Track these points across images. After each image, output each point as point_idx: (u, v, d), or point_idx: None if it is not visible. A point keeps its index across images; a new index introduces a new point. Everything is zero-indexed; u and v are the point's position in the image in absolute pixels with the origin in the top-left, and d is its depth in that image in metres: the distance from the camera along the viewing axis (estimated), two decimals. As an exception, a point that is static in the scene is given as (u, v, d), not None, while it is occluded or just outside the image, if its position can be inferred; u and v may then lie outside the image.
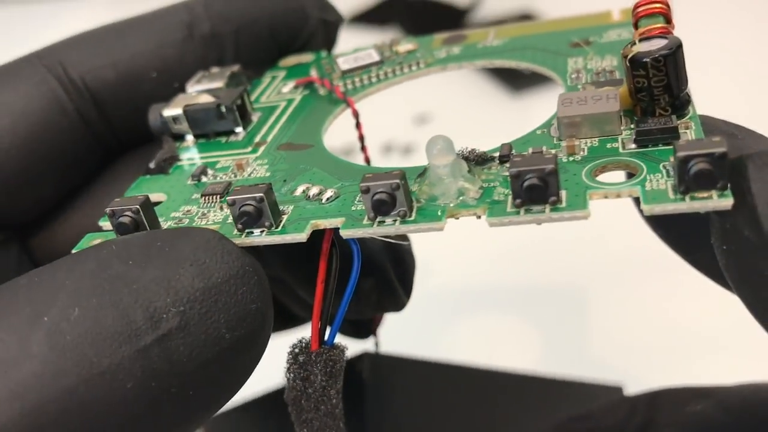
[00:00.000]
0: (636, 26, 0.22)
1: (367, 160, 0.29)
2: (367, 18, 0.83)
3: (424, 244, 0.31)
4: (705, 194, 0.18)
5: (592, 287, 0.45)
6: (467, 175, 0.20)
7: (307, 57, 0.31)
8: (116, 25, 0.29)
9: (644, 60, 0.20)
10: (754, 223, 0.18)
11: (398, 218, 0.20)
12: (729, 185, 0.18)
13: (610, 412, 0.26)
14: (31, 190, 0.27)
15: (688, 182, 0.18)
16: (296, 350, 0.22)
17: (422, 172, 0.21)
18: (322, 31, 0.32)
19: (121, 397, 0.17)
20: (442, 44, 0.30)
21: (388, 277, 0.29)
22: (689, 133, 0.20)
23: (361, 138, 0.28)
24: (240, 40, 0.30)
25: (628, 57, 0.20)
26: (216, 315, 0.19)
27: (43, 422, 0.16)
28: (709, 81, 0.56)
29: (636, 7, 0.22)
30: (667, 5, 0.22)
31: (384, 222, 0.20)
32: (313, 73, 0.30)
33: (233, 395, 0.20)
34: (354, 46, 0.31)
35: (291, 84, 0.29)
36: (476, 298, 0.47)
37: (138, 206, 0.21)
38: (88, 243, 0.22)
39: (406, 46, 0.29)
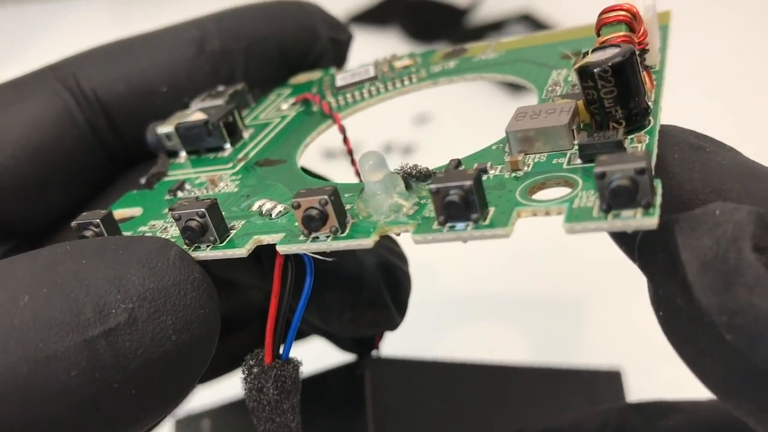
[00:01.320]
0: (598, 33, 0.21)
1: (358, 173, 0.29)
2: (367, 18, 0.82)
3: (425, 248, 0.31)
4: (629, 212, 0.17)
5: (591, 292, 0.44)
6: (402, 191, 0.20)
7: (316, 74, 0.32)
8: (129, 40, 0.31)
9: (591, 71, 0.19)
10: (685, 292, 0.17)
11: (330, 234, 0.19)
12: (656, 204, 0.17)
13: (582, 425, 0.25)
14: (41, 198, 0.28)
15: (608, 199, 0.17)
16: (251, 361, 0.22)
17: (362, 188, 0.20)
18: (332, 49, 0.32)
19: (64, 384, 0.18)
20: (442, 59, 0.29)
21: (381, 297, 0.29)
22: (640, 147, 0.19)
23: (350, 152, 0.28)
24: (250, 57, 0.30)
25: (576, 67, 0.20)
26: (164, 316, 0.19)
27: None
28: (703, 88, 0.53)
29: (600, 14, 0.21)
30: (633, 14, 0.21)
31: (318, 238, 0.20)
32: (314, 90, 0.30)
33: (176, 405, 0.21)
34: (354, 47, 0.31)
35: (291, 101, 0.30)
36: (476, 303, 0.46)
37: (99, 220, 0.22)
38: None
39: (403, 61, 0.29)
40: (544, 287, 0.46)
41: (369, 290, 0.28)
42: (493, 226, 0.18)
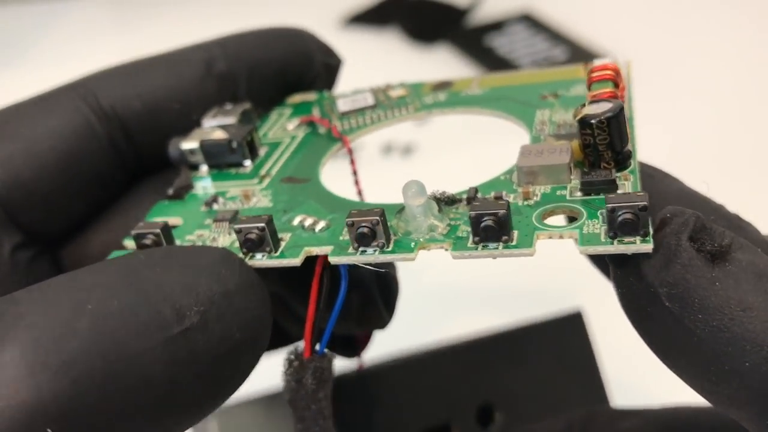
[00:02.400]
0: (589, 88, 0.26)
1: (360, 192, 0.32)
2: (366, 18, 0.84)
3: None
4: (630, 239, 0.21)
5: (582, 292, 0.46)
6: (437, 214, 0.24)
7: (311, 96, 0.35)
8: (142, 61, 0.33)
9: (590, 122, 0.24)
10: (637, 271, 0.22)
11: (378, 249, 0.23)
12: (650, 233, 0.21)
13: (548, 428, 0.29)
14: (65, 206, 0.30)
15: (616, 229, 0.21)
16: (291, 357, 0.26)
17: (400, 210, 0.24)
18: (325, 73, 0.35)
19: (150, 377, 0.21)
20: (431, 90, 0.33)
21: (374, 298, 0.33)
22: (627, 184, 0.24)
23: (355, 173, 0.31)
24: (252, 78, 0.34)
25: (577, 118, 0.24)
26: (229, 317, 0.23)
27: (88, 390, 0.20)
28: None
29: (590, 72, 0.26)
30: (617, 71, 0.26)
31: (366, 251, 0.23)
32: (315, 112, 0.33)
33: (235, 391, 0.24)
34: (354, 47, 0.34)
35: (295, 121, 0.33)
36: (464, 298, 0.50)
37: (159, 230, 0.25)
38: None
39: (398, 91, 0.33)
40: (537, 284, 0.50)
41: (364, 292, 0.32)
42: (519, 246, 0.22)
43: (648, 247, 0.21)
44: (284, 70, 0.35)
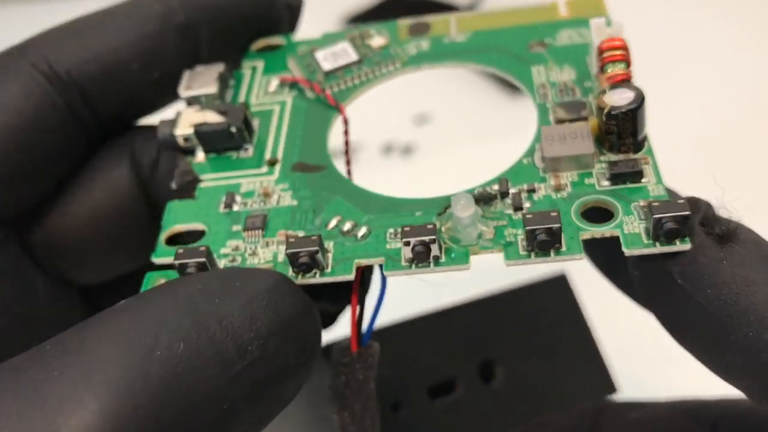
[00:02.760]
0: (602, 69, 0.27)
1: (348, 162, 0.32)
2: (366, 18, 0.80)
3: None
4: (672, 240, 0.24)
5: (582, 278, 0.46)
6: (483, 219, 0.25)
7: (277, 40, 0.33)
8: (93, 16, 0.31)
9: (616, 113, 0.25)
10: (652, 255, 0.24)
11: (432, 261, 0.24)
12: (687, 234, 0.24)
13: (561, 420, 0.33)
14: (29, 185, 0.29)
15: (660, 235, 0.23)
16: (339, 354, 0.27)
17: (442, 212, 0.25)
18: (287, 16, 0.34)
19: (219, 415, 0.21)
20: (409, 35, 0.33)
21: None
22: (648, 168, 0.26)
23: (347, 143, 0.31)
24: (214, 28, 0.31)
25: (605, 111, 0.25)
26: (287, 346, 0.23)
27: None
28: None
29: (600, 52, 0.27)
30: (626, 49, 0.27)
31: (420, 264, 0.24)
32: (293, 67, 0.32)
33: (284, 408, 0.25)
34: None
35: (275, 82, 0.32)
36: (463, 283, 0.51)
37: (205, 259, 0.24)
38: (153, 281, 0.26)
39: (378, 40, 0.32)
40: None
41: None
42: (570, 252, 0.24)
43: (687, 246, 0.23)
44: (246, 15, 0.33)
